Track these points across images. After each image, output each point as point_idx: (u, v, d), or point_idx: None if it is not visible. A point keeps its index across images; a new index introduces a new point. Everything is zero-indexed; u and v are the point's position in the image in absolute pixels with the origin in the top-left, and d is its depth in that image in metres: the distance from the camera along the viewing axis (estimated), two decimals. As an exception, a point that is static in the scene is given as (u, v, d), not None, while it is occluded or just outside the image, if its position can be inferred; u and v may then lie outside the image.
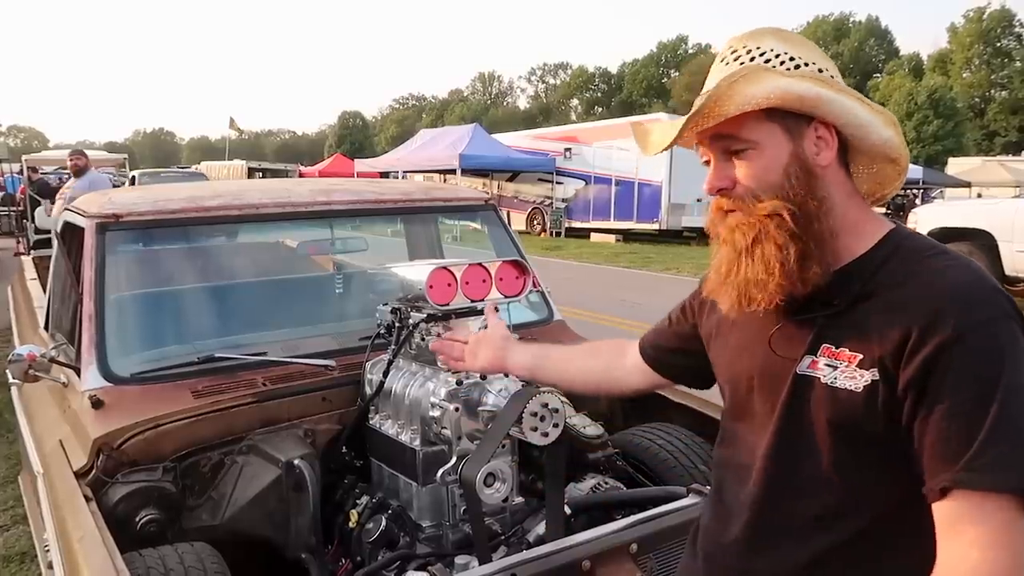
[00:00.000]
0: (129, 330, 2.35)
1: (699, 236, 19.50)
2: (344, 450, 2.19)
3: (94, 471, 1.89)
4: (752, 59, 1.07)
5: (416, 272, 2.05)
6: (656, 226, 18.90)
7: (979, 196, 23.01)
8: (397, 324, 2.08)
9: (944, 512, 0.94)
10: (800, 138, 1.06)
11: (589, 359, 1.60)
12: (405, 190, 2.94)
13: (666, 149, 1.12)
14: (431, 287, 1.89)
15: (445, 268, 1.91)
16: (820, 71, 1.07)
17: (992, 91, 48.81)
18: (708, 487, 1.88)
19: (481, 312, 2.05)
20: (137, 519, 1.85)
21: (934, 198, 22.43)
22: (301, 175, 30.17)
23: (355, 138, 78.70)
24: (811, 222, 1.04)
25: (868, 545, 1.03)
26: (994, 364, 0.93)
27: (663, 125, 1.13)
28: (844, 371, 1.02)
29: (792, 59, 1.06)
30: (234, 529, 1.97)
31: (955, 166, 29.78)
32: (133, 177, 20.06)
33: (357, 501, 2.08)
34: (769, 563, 1.10)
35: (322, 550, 1.96)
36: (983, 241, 7.96)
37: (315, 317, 2.66)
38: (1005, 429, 0.91)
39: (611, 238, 19.71)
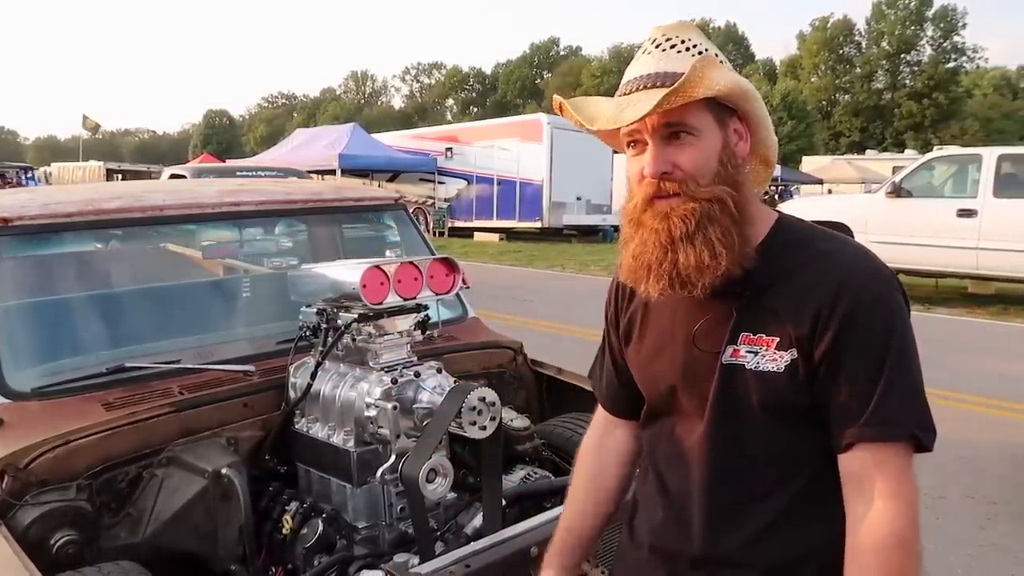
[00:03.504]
0: (25, 342, 2.19)
1: (579, 234, 20.05)
2: (268, 456, 2.13)
3: None
4: (687, 49, 1.11)
5: (342, 272, 2.03)
6: (538, 224, 19.25)
7: (829, 192, 24.88)
8: (324, 325, 2.05)
9: (851, 465, 1.07)
10: (726, 129, 1.13)
11: (608, 493, 1.41)
12: (315, 190, 2.89)
13: (633, 123, 1.09)
14: (365, 286, 1.88)
15: (378, 267, 1.91)
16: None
17: (837, 95, 52.76)
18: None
19: (412, 311, 2.06)
20: (52, 542, 1.74)
21: (793, 194, 23.98)
22: (166, 176, 28.60)
23: (222, 138, 75.49)
24: (745, 206, 1.12)
25: (810, 502, 1.13)
26: (886, 332, 1.06)
27: (610, 101, 1.15)
28: (765, 355, 1.11)
29: (716, 55, 1.13)
30: (157, 545, 1.88)
31: (808, 164, 32.05)
32: (176, 176, 11.68)
33: (285, 508, 2.04)
34: (728, 541, 1.16)
35: (254, 560, 1.91)
36: (842, 232, 8.72)
37: (227, 322, 2.57)
38: (896, 388, 1.05)
39: (494, 237, 19.90)
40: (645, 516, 1.30)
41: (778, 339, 1.10)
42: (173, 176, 10.57)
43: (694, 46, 1.12)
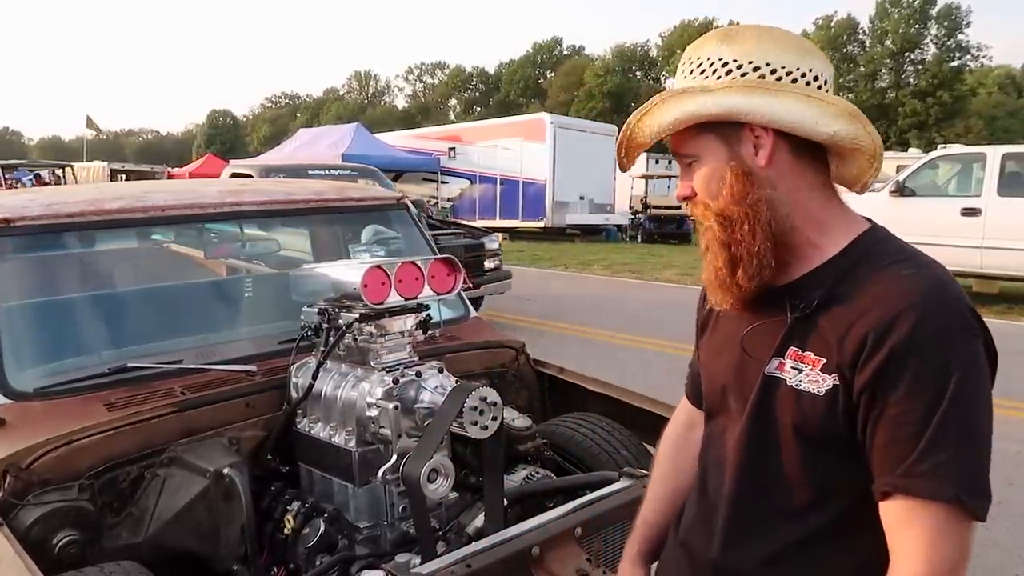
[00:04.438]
0: (27, 342, 2.19)
1: (582, 233, 20.02)
2: (270, 456, 2.14)
3: (1, 494, 1.76)
4: (691, 72, 1.13)
5: (343, 272, 2.03)
6: (541, 224, 19.24)
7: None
8: (326, 325, 2.05)
9: (887, 514, 1.00)
10: (737, 142, 1.09)
11: (685, 476, 1.36)
12: (317, 190, 2.89)
13: (625, 170, 1.26)
14: (366, 286, 1.88)
15: (379, 267, 1.91)
16: (756, 69, 1.08)
17: (840, 93, 52.44)
18: (641, 470, 1.98)
19: (413, 310, 2.06)
20: (55, 541, 1.74)
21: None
22: (170, 177, 28.70)
23: (225, 138, 75.70)
24: (739, 227, 1.08)
25: (834, 538, 1.07)
26: (942, 376, 0.95)
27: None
28: (808, 374, 1.05)
29: (725, 64, 1.09)
30: (159, 545, 1.89)
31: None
32: (239, 174, 8.77)
33: (287, 508, 2.05)
34: (744, 555, 1.14)
35: (256, 560, 1.91)
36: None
37: (229, 322, 2.57)
38: (944, 440, 0.95)
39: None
40: (687, 511, 1.30)
41: (824, 361, 1.04)
42: (235, 175, 8.51)
43: (699, 66, 1.12)
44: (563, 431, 2.43)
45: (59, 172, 22.05)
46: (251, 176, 8.10)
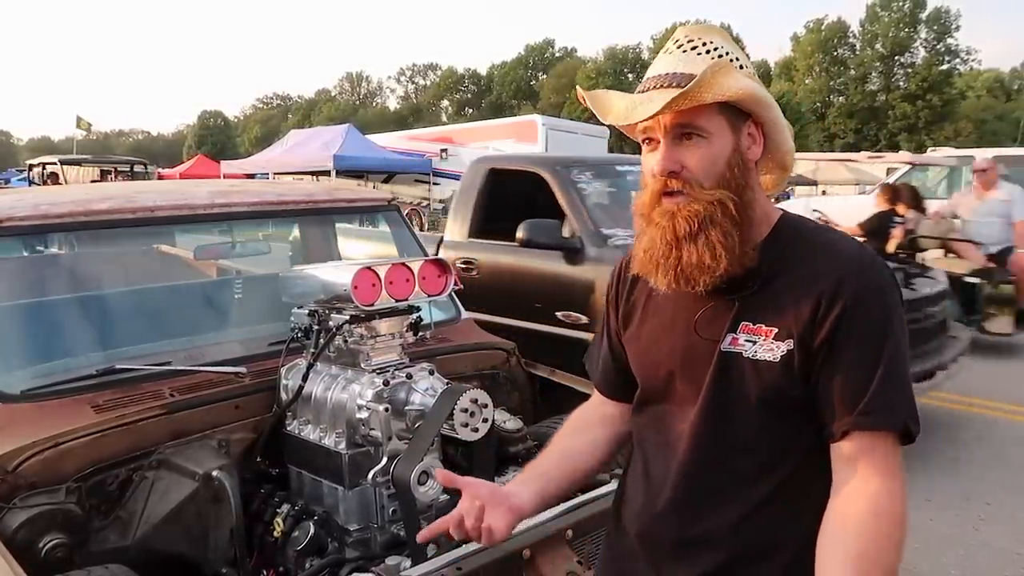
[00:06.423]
0: (14, 344, 2.17)
1: (574, 235, 19.99)
2: (259, 458, 2.13)
3: None
4: (708, 51, 1.15)
5: (334, 273, 2.02)
6: (533, 225, 19.19)
7: (823, 193, 24.89)
8: (316, 327, 2.04)
9: (843, 450, 1.11)
10: (739, 133, 1.16)
11: (583, 443, 1.44)
12: (307, 191, 2.88)
13: (644, 120, 1.14)
14: (356, 287, 1.87)
15: (369, 268, 1.90)
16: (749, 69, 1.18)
17: (831, 96, 52.85)
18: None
19: (403, 312, 2.06)
20: (41, 545, 1.72)
21: (790, 195, 24.01)
22: (160, 177, 28.58)
23: (217, 139, 75.42)
24: (748, 209, 1.16)
25: (791, 491, 1.16)
26: (885, 322, 1.11)
27: (626, 97, 1.19)
28: (763, 344, 1.14)
29: (737, 59, 1.16)
30: (147, 548, 1.87)
31: (803, 165, 32.00)
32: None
33: (277, 510, 2.03)
34: (703, 526, 1.19)
35: (246, 563, 1.90)
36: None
37: (218, 323, 2.56)
38: (891, 380, 1.09)
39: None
40: (630, 503, 1.33)
41: (776, 330, 1.13)
42: (496, 171, 5.57)
43: (715, 48, 1.16)
44: (554, 433, 2.42)
45: (127, 170, 21.35)
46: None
